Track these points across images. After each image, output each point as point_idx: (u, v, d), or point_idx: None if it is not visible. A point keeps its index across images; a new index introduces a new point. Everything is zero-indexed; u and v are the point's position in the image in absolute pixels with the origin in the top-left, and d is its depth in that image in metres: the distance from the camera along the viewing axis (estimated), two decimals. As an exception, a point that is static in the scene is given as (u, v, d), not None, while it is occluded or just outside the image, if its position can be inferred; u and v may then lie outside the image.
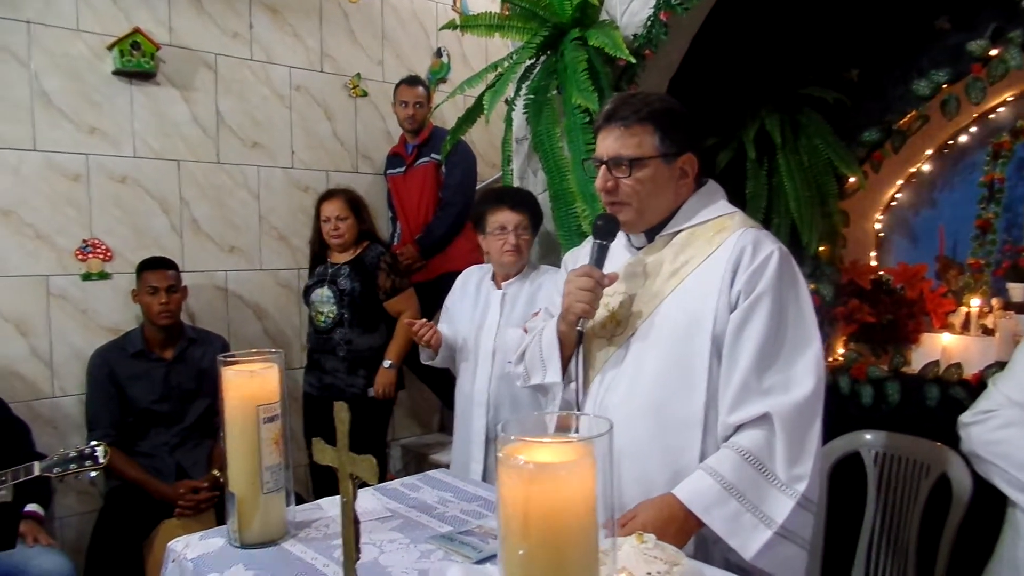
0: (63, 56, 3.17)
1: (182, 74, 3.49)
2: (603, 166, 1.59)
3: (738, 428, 1.48)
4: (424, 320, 2.51)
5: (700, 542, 1.49)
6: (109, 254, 3.31)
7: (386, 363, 3.25)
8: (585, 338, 1.61)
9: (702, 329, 1.50)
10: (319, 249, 3.37)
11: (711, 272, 1.52)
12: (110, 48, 3.24)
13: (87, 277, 3.25)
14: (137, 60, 3.27)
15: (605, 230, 1.59)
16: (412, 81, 3.80)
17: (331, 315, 3.25)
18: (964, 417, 1.83)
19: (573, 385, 1.64)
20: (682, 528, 1.41)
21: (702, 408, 1.49)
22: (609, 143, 1.58)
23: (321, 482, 3.28)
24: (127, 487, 2.86)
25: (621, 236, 1.67)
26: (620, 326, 1.60)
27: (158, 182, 3.44)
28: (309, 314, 3.36)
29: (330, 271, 3.28)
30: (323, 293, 3.26)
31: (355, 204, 3.30)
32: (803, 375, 1.46)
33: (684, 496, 1.42)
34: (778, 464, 1.43)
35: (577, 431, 0.95)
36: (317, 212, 3.32)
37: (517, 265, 2.49)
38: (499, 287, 2.53)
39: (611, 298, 1.61)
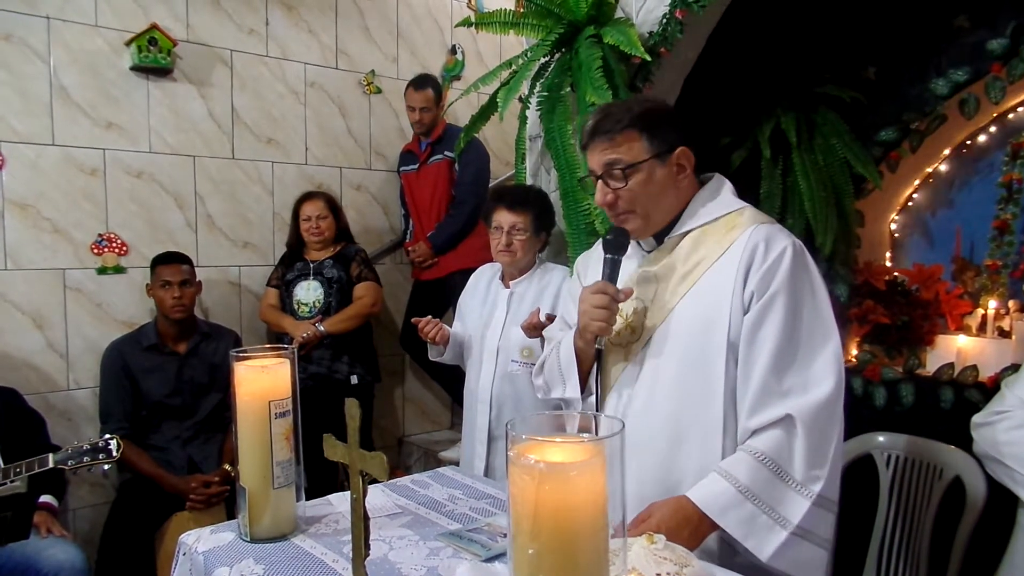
0: (81, 51, 3.20)
1: (198, 70, 3.51)
2: (599, 180, 1.57)
3: (756, 430, 1.46)
4: (429, 317, 2.51)
5: (724, 545, 1.48)
6: (124, 248, 3.33)
7: (320, 326, 3.33)
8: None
9: (717, 333, 1.48)
10: (296, 247, 3.54)
11: (723, 273, 1.50)
12: (128, 44, 3.27)
13: (102, 271, 3.28)
14: (154, 56, 3.29)
15: (616, 244, 1.56)
16: (419, 84, 3.76)
17: (317, 304, 3.41)
18: (977, 418, 1.82)
19: (593, 398, 1.63)
20: (696, 530, 1.41)
21: (721, 413, 1.47)
22: (599, 157, 1.55)
23: (315, 476, 3.26)
24: (139, 480, 2.89)
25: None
26: (635, 333, 1.58)
27: (173, 177, 3.46)
28: (290, 307, 3.44)
29: (312, 265, 3.47)
30: (309, 285, 3.43)
31: (333, 205, 3.55)
32: (822, 374, 1.44)
33: (698, 499, 1.41)
34: (796, 466, 1.41)
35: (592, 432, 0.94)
36: (296, 212, 3.51)
37: (514, 265, 2.49)
38: (507, 286, 2.53)
39: (625, 305, 1.58)
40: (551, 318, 2.13)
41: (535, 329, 2.22)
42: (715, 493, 1.41)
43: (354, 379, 3.43)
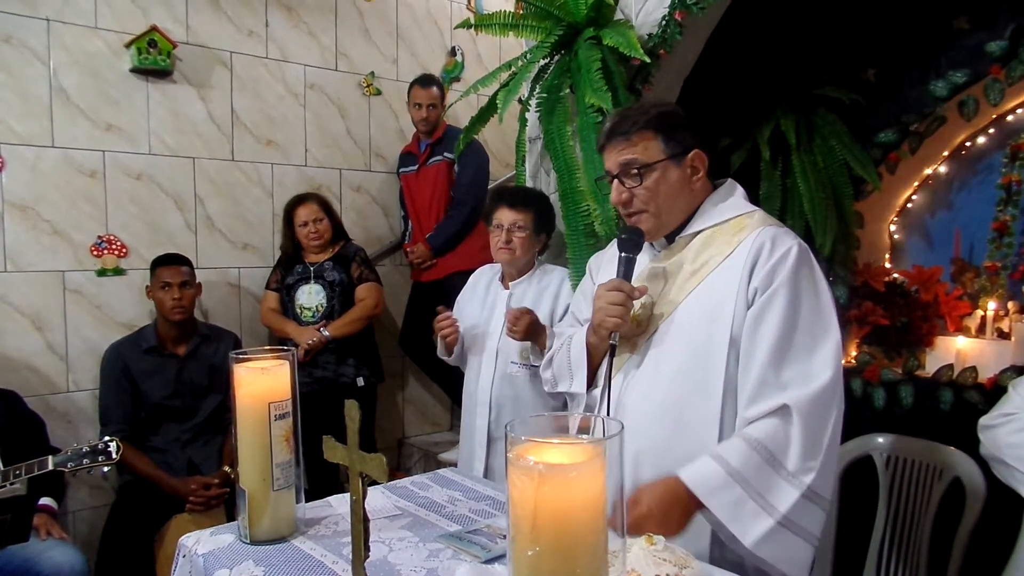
0: (81, 53, 3.20)
1: (198, 72, 3.51)
2: (615, 180, 1.62)
3: (753, 419, 1.47)
4: (450, 313, 2.49)
5: (716, 541, 1.49)
6: (124, 250, 3.33)
7: (324, 331, 3.33)
8: None
9: (720, 328, 1.51)
10: (292, 252, 3.50)
11: (730, 272, 1.53)
12: (128, 46, 3.27)
13: (102, 273, 3.28)
14: (154, 58, 3.29)
15: (630, 243, 1.60)
16: (425, 82, 3.78)
17: (320, 308, 3.40)
18: (984, 420, 1.81)
19: (596, 391, 1.65)
20: (686, 510, 1.42)
21: (718, 407, 1.50)
22: (615, 157, 1.62)
23: (317, 478, 3.26)
24: (139, 482, 2.89)
25: None
26: (641, 327, 1.62)
27: (173, 179, 3.46)
28: (292, 312, 3.43)
29: (313, 268, 3.44)
30: (311, 289, 3.41)
31: (327, 206, 3.51)
32: (821, 367, 1.46)
33: (688, 479, 1.42)
34: (791, 455, 1.42)
35: (591, 432, 0.95)
36: (289, 217, 3.46)
37: (513, 264, 2.48)
38: (507, 287, 2.52)
39: (634, 301, 1.62)
40: (528, 311, 2.21)
41: (516, 322, 2.21)
42: (705, 474, 1.42)
43: (360, 381, 3.43)
